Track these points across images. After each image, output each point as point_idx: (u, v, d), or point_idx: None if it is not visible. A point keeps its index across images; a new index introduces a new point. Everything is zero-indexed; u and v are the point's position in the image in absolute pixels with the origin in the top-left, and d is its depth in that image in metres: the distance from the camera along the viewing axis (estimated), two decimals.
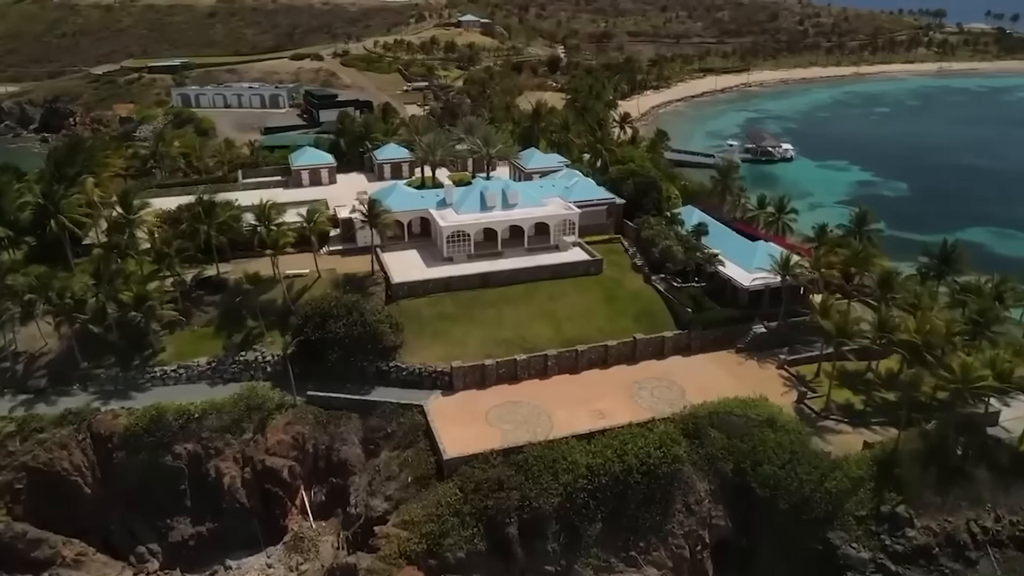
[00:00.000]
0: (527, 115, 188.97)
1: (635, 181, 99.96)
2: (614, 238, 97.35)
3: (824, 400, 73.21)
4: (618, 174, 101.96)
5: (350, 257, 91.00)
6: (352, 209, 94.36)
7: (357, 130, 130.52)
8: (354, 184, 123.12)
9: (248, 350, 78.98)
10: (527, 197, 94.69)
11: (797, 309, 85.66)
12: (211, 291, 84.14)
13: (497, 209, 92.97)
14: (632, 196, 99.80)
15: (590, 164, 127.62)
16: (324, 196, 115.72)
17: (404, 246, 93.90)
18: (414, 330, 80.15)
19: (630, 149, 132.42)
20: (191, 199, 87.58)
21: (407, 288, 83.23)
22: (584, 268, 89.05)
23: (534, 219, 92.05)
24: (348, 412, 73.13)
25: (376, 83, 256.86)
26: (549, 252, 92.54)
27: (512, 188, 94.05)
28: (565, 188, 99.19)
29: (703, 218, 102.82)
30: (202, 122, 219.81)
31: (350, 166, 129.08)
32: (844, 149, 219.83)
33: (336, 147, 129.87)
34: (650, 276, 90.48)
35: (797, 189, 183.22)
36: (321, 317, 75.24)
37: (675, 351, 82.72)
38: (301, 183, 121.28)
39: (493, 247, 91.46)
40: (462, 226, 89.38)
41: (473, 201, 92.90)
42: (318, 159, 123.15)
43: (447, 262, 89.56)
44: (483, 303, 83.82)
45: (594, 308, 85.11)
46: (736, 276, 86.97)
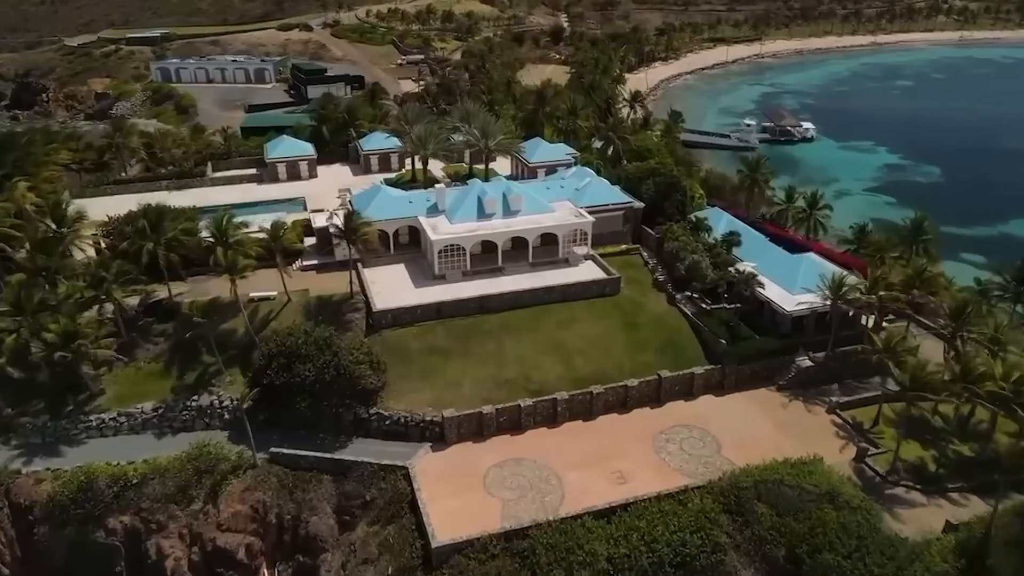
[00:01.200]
0: (529, 94, 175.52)
1: (655, 181, 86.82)
2: (632, 249, 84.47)
3: (890, 459, 61.00)
4: (636, 172, 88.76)
5: (327, 274, 78.22)
6: (329, 217, 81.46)
7: (340, 116, 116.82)
8: (337, 177, 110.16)
9: (203, 392, 66.73)
10: (532, 202, 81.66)
11: (847, 335, 73.22)
12: (161, 318, 71.57)
13: (497, 217, 80.00)
14: (652, 198, 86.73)
15: (600, 154, 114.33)
16: (302, 193, 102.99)
17: (390, 259, 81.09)
18: (399, 368, 67.82)
19: (644, 136, 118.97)
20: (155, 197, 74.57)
21: (391, 316, 70.65)
22: (599, 288, 76.36)
23: (540, 229, 79.14)
24: (319, 473, 60.98)
25: (368, 56, 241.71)
26: (558, 267, 79.76)
27: (515, 192, 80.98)
28: (575, 190, 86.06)
29: (732, 223, 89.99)
30: (182, 99, 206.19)
31: (333, 156, 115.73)
32: (868, 127, 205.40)
33: (318, 135, 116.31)
34: (674, 295, 77.90)
35: (821, 174, 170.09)
36: (287, 357, 62.89)
37: (706, 389, 70.42)
38: (277, 177, 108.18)
39: (493, 262, 78.68)
40: (456, 239, 76.49)
41: (469, 207, 79.89)
42: (296, 150, 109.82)
43: (439, 280, 76.88)
44: (481, 333, 71.33)
45: (611, 338, 72.61)
46: (777, 299, 74.32)
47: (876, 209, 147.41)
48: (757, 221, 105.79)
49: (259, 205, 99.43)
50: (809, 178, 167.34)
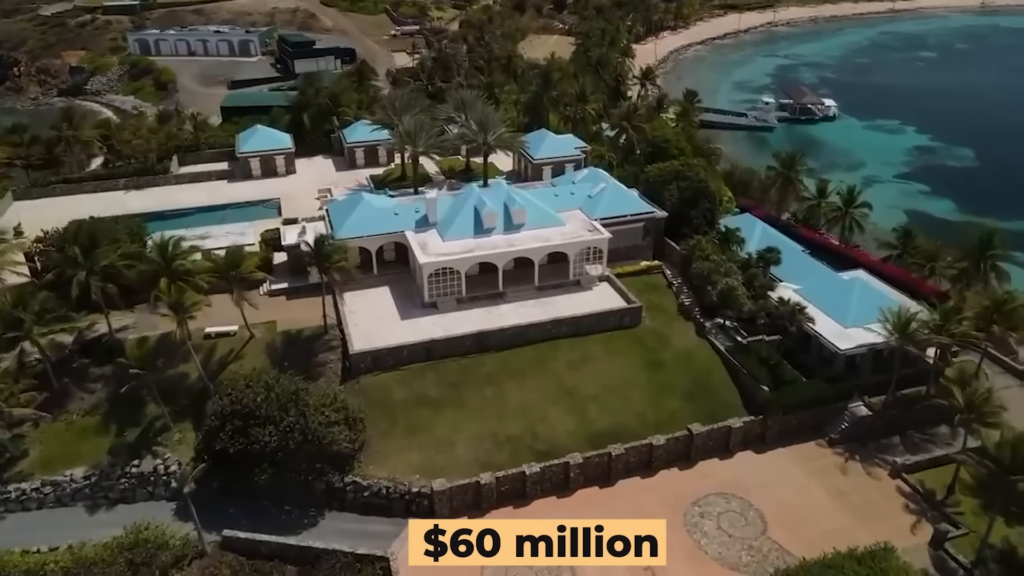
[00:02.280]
0: (532, 68, 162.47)
1: (680, 186, 75.04)
2: (653, 267, 72.97)
3: (976, 543, 50.25)
4: (658, 175, 76.85)
5: (299, 300, 66.90)
6: (301, 232, 70.00)
7: (322, 102, 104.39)
8: (318, 173, 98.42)
9: (146, 454, 55.91)
10: (538, 213, 70.00)
11: (908, 373, 62.26)
12: (99, 360, 60.40)
13: (497, 232, 68.42)
14: (677, 206, 75.02)
15: (612, 144, 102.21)
16: (277, 193, 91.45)
17: (373, 281, 69.67)
18: (381, 423, 56.93)
19: (661, 123, 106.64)
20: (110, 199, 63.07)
21: (372, 359, 59.45)
22: (616, 319, 65.09)
23: (548, 248, 67.56)
24: (282, 564, 50.18)
25: (360, 26, 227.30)
26: (568, 292, 68.44)
27: (518, 203, 69.22)
28: (588, 198, 74.26)
29: (767, 234, 78.52)
30: (161, 73, 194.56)
31: (313, 148, 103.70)
32: (892, 105, 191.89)
33: (297, 123, 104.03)
34: (704, 324, 66.73)
35: (845, 157, 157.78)
36: (244, 419, 51.86)
37: (744, 444, 59.61)
38: (250, 173, 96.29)
39: (492, 285, 67.32)
40: (450, 261, 64.96)
41: (464, 221, 68.27)
42: (271, 142, 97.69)
43: (430, 310, 65.59)
44: (478, 378, 60.24)
45: (631, 381, 61.52)
46: (828, 334, 63.11)
47: (909, 199, 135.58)
48: (788, 223, 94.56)
49: (227, 208, 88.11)
50: (833, 162, 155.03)
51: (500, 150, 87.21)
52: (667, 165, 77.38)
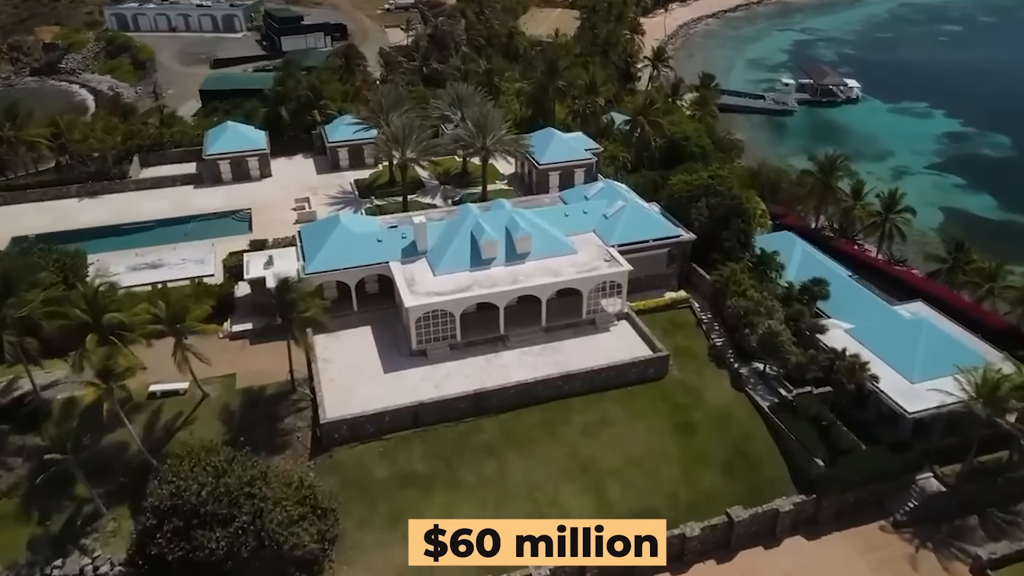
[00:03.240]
0: (534, 48, 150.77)
1: (710, 204, 64.37)
2: (680, 300, 62.65)
3: None
4: (684, 190, 66.09)
5: (265, 344, 56.42)
6: (267, 262, 59.61)
7: (302, 94, 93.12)
8: (297, 176, 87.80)
9: (73, 549, 46.18)
10: (545, 240, 59.47)
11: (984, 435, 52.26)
12: (21, 425, 50.41)
13: (498, 263, 57.98)
14: (706, 226, 64.44)
15: (625, 139, 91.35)
16: (249, 201, 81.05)
17: (352, 319, 59.42)
18: (358, 509, 47.08)
19: (680, 116, 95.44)
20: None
21: (347, 428, 49.37)
22: (640, 371, 54.90)
23: (558, 284, 57.12)
24: None
25: (352, 0, 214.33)
26: (581, 333, 58.22)
27: (522, 227, 58.58)
28: (604, 218, 63.64)
29: (808, 255, 68.11)
30: (139, 51, 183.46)
31: (293, 146, 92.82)
32: (919, 85, 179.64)
33: (274, 118, 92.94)
34: (740, 372, 56.71)
35: (871, 145, 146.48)
36: (186, 517, 41.92)
37: (794, 528, 49.78)
38: (220, 177, 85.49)
39: (492, 328, 57.03)
40: (442, 303, 54.55)
41: (459, 252, 57.78)
42: (243, 142, 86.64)
43: (418, 359, 55.38)
44: (476, 448, 50.25)
45: (659, 450, 51.54)
46: (891, 391, 52.97)
47: (944, 195, 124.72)
48: (824, 234, 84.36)
49: (192, 222, 77.66)
50: (859, 151, 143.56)
51: (501, 155, 76.40)
52: (695, 178, 66.59)
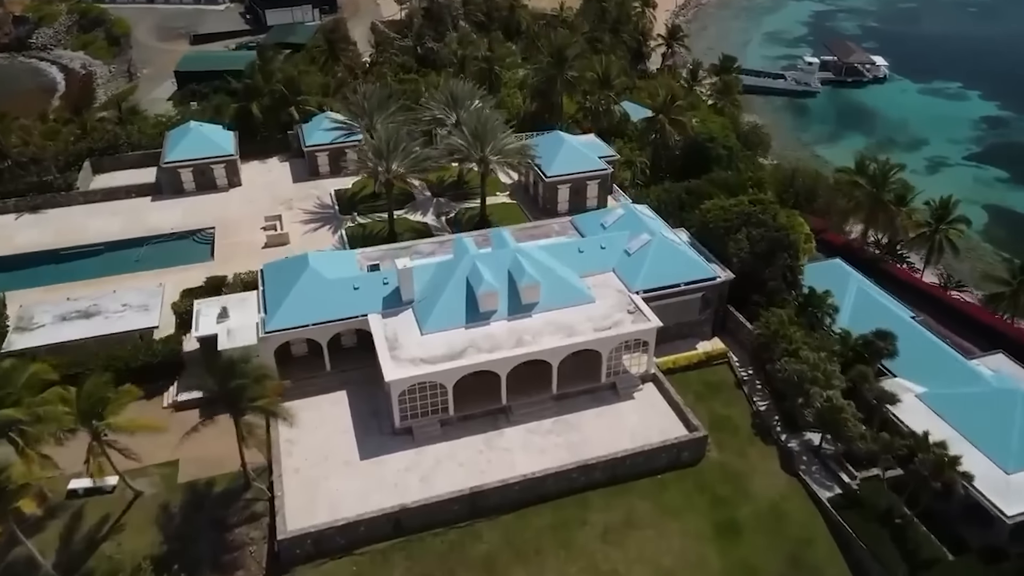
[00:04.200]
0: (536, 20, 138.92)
1: (751, 236, 53.94)
2: (716, 356, 52.58)
3: None
4: (719, 218, 55.55)
5: (218, 419, 46.49)
6: (221, 314, 49.48)
7: (276, 87, 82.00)
8: (270, 184, 77.40)
9: None
10: (557, 286, 49.24)
11: None
12: None
13: (499, 316, 47.85)
14: (747, 262, 54.09)
15: (642, 138, 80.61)
16: (214, 218, 70.75)
17: (324, 382, 49.46)
18: None
19: (703, 110, 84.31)
20: None
21: (312, 543, 39.63)
22: (671, 456, 45.04)
23: (572, 347, 46.95)
24: None
25: None
26: (599, 402, 48.34)
27: (528, 273, 48.24)
28: (626, 254, 53.28)
29: (863, 291, 57.95)
30: (115, 25, 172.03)
31: (267, 147, 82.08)
32: (949, 62, 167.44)
33: (244, 116, 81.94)
34: (791, 450, 47.00)
35: (903, 132, 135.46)
36: None
37: None
38: (181, 187, 74.92)
39: (491, 397, 47.10)
40: (430, 375, 44.50)
41: (452, 303, 47.61)
42: (208, 146, 75.58)
43: (402, 439, 45.55)
44: (471, 563, 40.44)
45: (697, 561, 41.79)
46: (983, 486, 43.12)
47: (987, 190, 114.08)
48: (870, 251, 74.57)
49: (146, 244, 67.45)
50: (889, 138, 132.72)
51: (502, 168, 65.76)
52: (733, 203, 56.04)
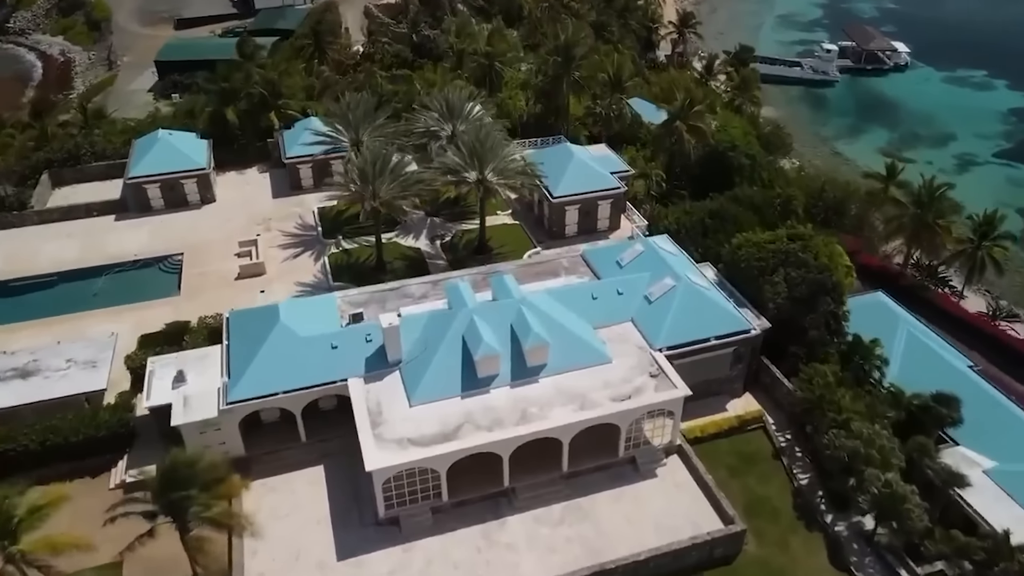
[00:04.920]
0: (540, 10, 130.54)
1: (790, 277, 46.84)
2: (750, 420, 45.72)
3: None
4: (753, 257, 48.38)
5: None
6: (177, 379, 42.52)
7: (255, 90, 74.39)
8: (247, 200, 70.44)
9: None
10: (568, 344, 42.25)
11: None
12: None
13: (500, 383, 40.92)
14: (784, 308, 47.04)
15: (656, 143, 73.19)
16: (183, 242, 63.66)
17: (298, 457, 42.66)
18: None
19: (724, 115, 76.64)
20: None
21: None
22: (703, 553, 38.25)
23: (586, 420, 40.04)
24: None
25: None
26: (617, 482, 41.51)
27: (534, 333, 41.15)
28: (646, 302, 46.23)
29: (915, 338, 50.99)
30: (95, 8, 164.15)
31: (245, 156, 74.88)
32: (974, 48, 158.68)
33: (218, 122, 74.41)
34: (838, 537, 40.36)
35: (928, 125, 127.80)
36: None
37: None
38: (148, 204, 67.76)
39: (492, 479, 40.30)
40: (420, 461, 37.65)
41: (446, 367, 40.61)
42: (178, 159, 68.23)
43: (387, 530, 38.79)
44: None
45: None
46: None
47: (1021, 192, 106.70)
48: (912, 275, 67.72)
49: (105, 274, 60.46)
50: (913, 132, 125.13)
51: (503, 191, 58.38)
52: (769, 238, 48.83)
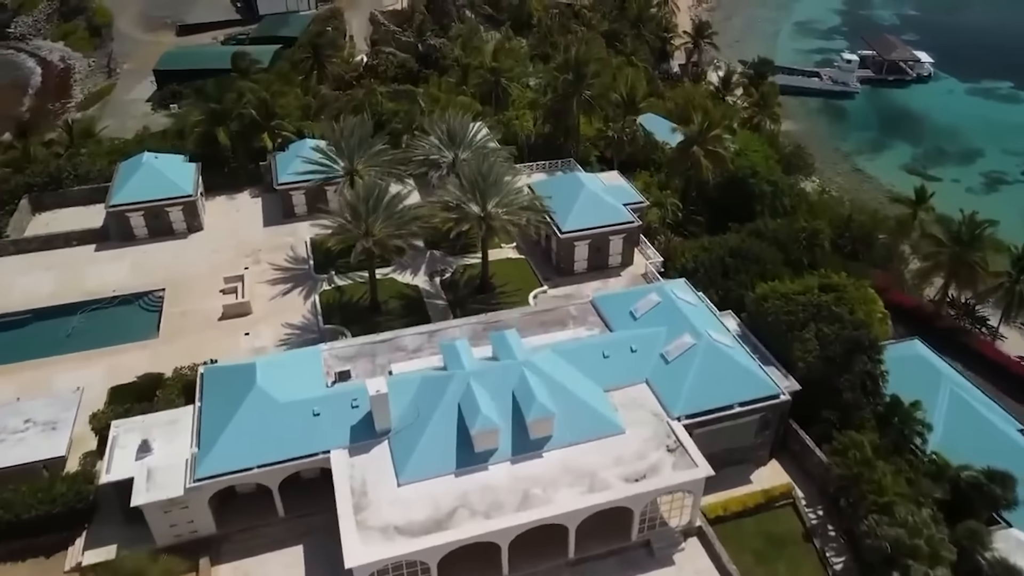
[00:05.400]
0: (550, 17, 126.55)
1: (822, 333, 42.20)
2: (776, 496, 40.97)
3: None
4: (782, 310, 43.76)
5: None
6: (142, 449, 38.28)
7: (246, 111, 70.10)
8: (236, 229, 66.22)
9: None
10: (576, 416, 37.80)
11: None
12: None
13: (500, 457, 36.48)
14: (817, 368, 42.41)
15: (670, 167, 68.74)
16: (165, 276, 59.45)
17: (275, 535, 38.33)
18: None
19: (746, 138, 71.84)
20: None
21: None
22: None
23: (596, 504, 35.47)
24: None
25: None
26: (629, 568, 37.08)
27: (538, 403, 36.63)
28: (662, 361, 41.67)
29: (958, 396, 46.30)
30: (96, 14, 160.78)
31: (236, 181, 70.69)
32: (999, 58, 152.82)
33: (209, 142, 70.20)
34: None
35: (953, 141, 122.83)
36: None
37: None
38: (131, 234, 63.69)
39: (489, 567, 35.92)
40: (408, 554, 33.29)
41: (439, 441, 36.20)
42: (163, 185, 63.87)
43: None
44: None
45: None
46: None
47: None
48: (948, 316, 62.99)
49: (80, 311, 56.43)
50: (939, 148, 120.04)
51: (508, 227, 53.88)
52: (799, 292, 44.20)
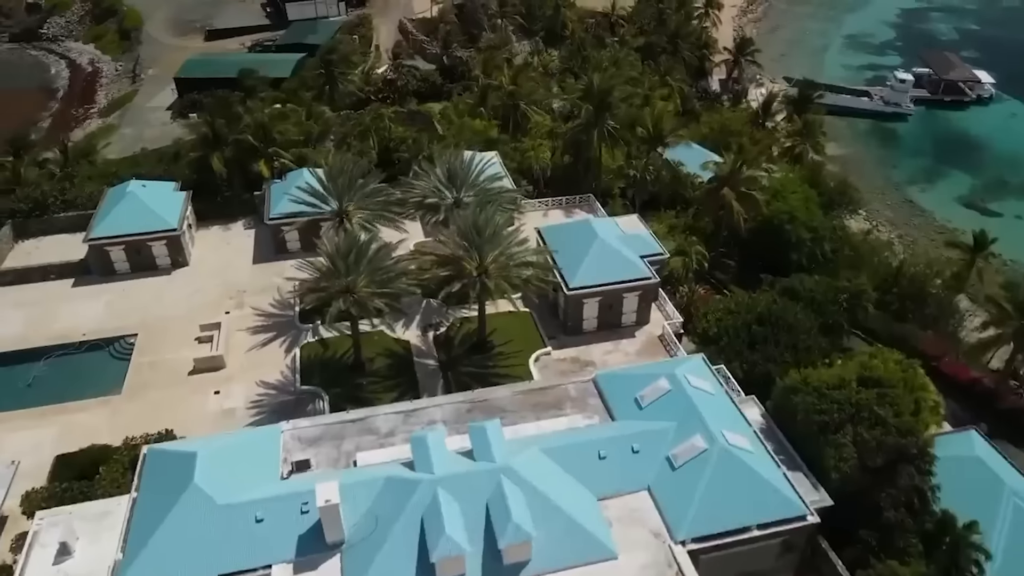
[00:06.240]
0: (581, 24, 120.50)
1: (862, 439, 35.74)
2: None
3: None
4: (815, 408, 37.38)
5: None
6: (61, 552, 33.31)
7: (243, 137, 65.32)
8: (226, 264, 61.66)
9: None
10: (562, 536, 31.94)
11: None
12: None
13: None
14: (854, 479, 35.94)
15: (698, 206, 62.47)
16: (140, 321, 54.86)
17: None
18: None
19: (784, 182, 64.96)
20: None
21: None
22: None
23: None
24: None
25: None
26: None
27: (513, 523, 30.66)
28: (668, 466, 35.52)
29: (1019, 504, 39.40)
30: (126, 17, 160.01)
31: (230, 210, 66.06)
32: None
33: (202, 169, 65.64)
34: None
35: (1015, 168, 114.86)
36: None
37: None
38: (112, 268, 59.43)
39: None
40: None
41: (398, 561, 30.61)
42: (146, 218, 59.31)
43: None
44: None
45: None
46: None
47: None
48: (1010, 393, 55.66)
49: (46, 357, 52.26)
50: (1000, 179, 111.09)
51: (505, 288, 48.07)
52: (835, 386, 37.77)
